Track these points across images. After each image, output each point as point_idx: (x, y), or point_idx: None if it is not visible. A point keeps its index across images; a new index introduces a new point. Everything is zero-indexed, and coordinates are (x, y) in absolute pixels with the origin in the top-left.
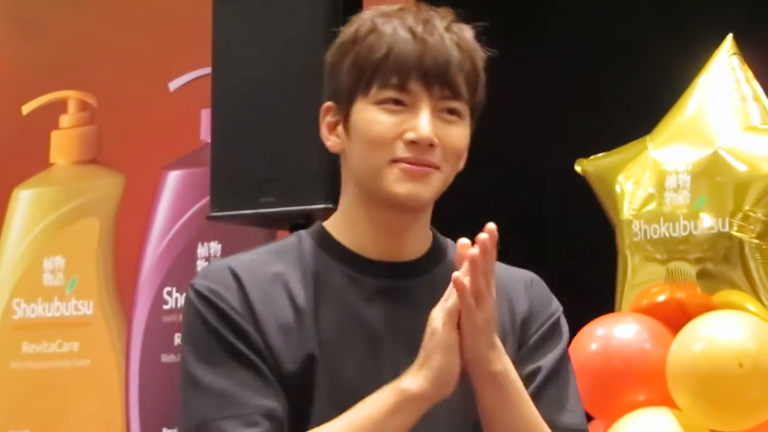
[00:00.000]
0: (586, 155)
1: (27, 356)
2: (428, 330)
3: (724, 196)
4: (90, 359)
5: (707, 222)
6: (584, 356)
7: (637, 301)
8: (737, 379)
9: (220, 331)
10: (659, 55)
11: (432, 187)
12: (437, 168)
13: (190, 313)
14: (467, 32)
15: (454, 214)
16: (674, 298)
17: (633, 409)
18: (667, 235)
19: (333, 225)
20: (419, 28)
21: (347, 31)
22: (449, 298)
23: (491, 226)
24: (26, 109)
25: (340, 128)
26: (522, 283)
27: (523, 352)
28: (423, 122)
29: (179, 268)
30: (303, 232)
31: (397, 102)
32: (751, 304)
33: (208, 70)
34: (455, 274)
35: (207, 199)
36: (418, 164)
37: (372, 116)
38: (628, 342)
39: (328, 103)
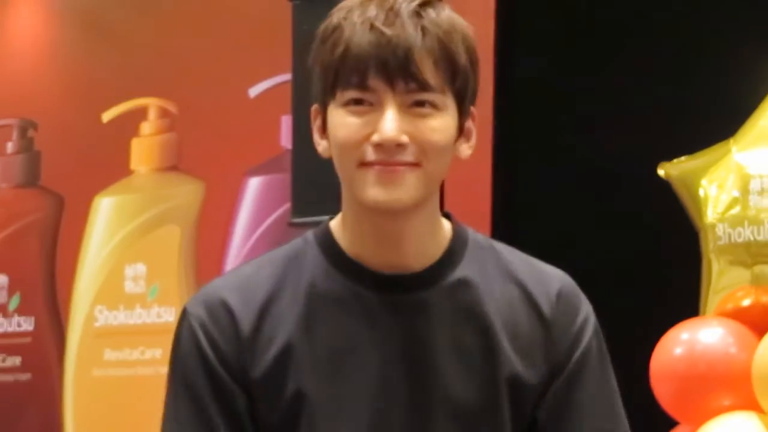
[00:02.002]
0: (669, 159)
1: (109, 363)
2: None
3: None
4: None
5: None
6: (669, 361)
7: (721, 305)
8: None
9: (198, 381)
10: (743, 57)
11: (410, 187)
12: (414, 165)
13: (178, 338)
14: (443, 12)
15: (540, 218)
16: (759, 301)
17: (718, 413)
18: (752, 238)
19: (337, 227)
20: (380, 18)
21: (321, 27)
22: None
23: None
24: (107, 116)
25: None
26: (546, 294)
27: (557, 387)
28: (386, 122)
29: None
30: (310, 234)
31: (359, 102)
32: None
33: (288, 76)
34: None
35: (288, 205)
36: (385, 165)
37: (339, 120)
38: (713, 346)
39: (315, 107)
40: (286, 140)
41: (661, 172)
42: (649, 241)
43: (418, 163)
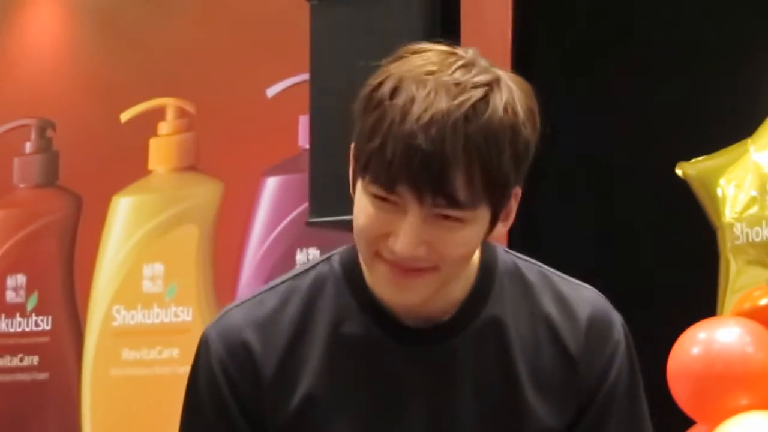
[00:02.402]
0: (687, 158)
1: (127, 363)
2: None
3: None
4: (190, 366)
5: None
6: (686, 360)
7: (739, 305)
8: None
9: (212, 418)
10: (762, 57)
11: (423, 289)
12: (432, 269)
13: (196, 370)
14: (499, 103)
15: (557, 217)
16: None
17: (735, 413)
18: None
19: None
20: (423, 120)
21: (370, 86)
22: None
23: None
24: (125, 116)
25: None
26: (574, 330)
27: (588, 421)
28: (403, 237)
29: (278, 274)
30: (336, 259)
31: (385, 200)
32: None
33: (305, 76)
34: None
35: (305, 204)
36: (400, 267)
37: (363, 204)
38: (731, 346)
39: (354, 151)
40: (303, 140)
41: (679, 171)
42: (666, 240)
43: (435, 267)
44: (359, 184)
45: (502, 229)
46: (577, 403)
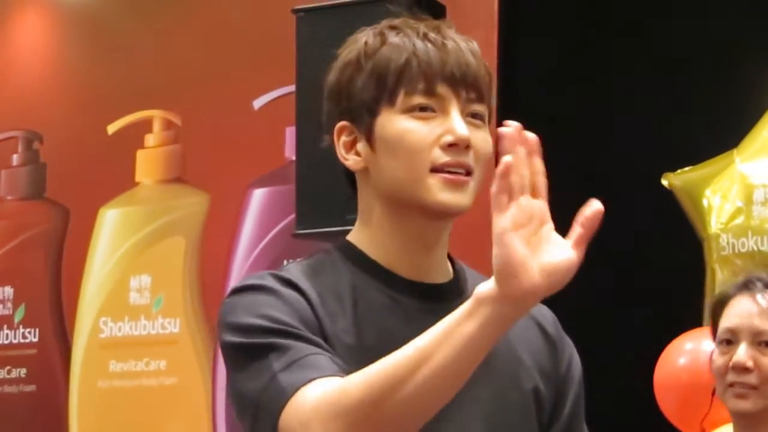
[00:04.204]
0: (673, 169)
1: (114, 375)
2: None
3: None
4: (177, 377)
5: None
6: (672, 371)
7: None
8: None
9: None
10: (747, 69)
11: (470, 194)
12: (472, 174)
13: (254, 297)
14: (473, 41)
15: None
16: None
17: (722, 424)
18: (755, 248)
19: (361, 241)
20: (433, 35)
21: (351, 50)
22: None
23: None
24: (112, 128)
25: (360, 145)
26: (544, 316)
27: (567, 413)
28: (458, 124)
29: None
30: (332, 249)
31: (424, 108)
32: None
33: (292, 88)
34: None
35: (292, 216)
36: (457, 166)
37: (403, 126)
38: None
39: (342, 123)
40: (290, 151)
41: (664, 182)
42: (652, 250)
43: (473, 172)
44: (384, 115)
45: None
46: (554, 383)
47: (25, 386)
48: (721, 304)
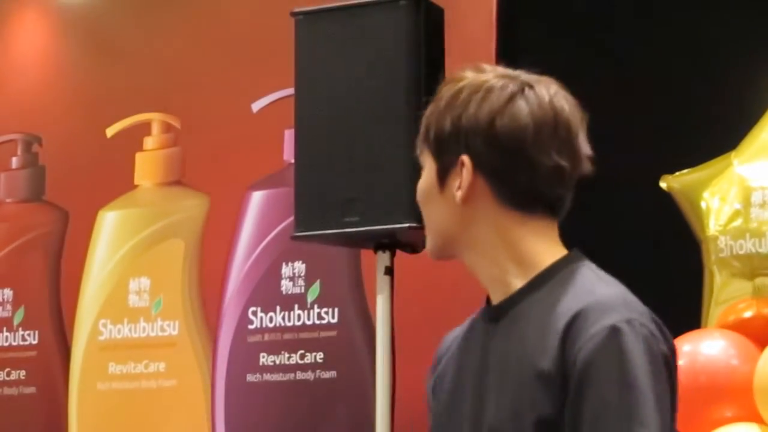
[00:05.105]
0: (671, 171)
1: (113, 377)
2: None
3: None
4: (176, 379)
5: None
6: None
7: (723, 317)
8: None
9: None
10: (745, 71)
11: (429, 241)
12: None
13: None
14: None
15: None
16: (761, 313)
17: (720, 425)
18: (753, 251)
19: None
20: None
21: None
22: None
23: None
24: (111, 131)
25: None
26: (567, 314)
27: (569, 400)
28: None
29: (264, 288)
30: None
31: None
32: None
33: (290, 90)
34: None
35: (291, 218)
36: None
37: None
38: (715, 358)
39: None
40: (289, 154)
41: (663, 184)
42: (650, 253)
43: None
44: None
45: (457, 194)
46: (560, 386)
47: (24, 388)
48: None
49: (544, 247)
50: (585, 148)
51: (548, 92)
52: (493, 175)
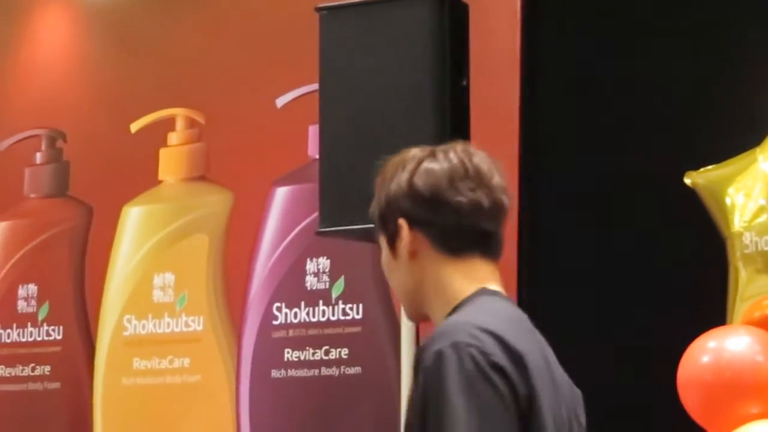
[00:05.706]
0: (696, 168)
1: (138, 372)
2: None
3: None
4: (200, 375)
5: None
6: (696, 369)
7: (748, 314)
8: None
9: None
10: None
11: (406, 310)
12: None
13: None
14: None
15: (566, 226)
16: None
17: (745, 421)
18: None
19: None
20: None
21: None
22: None
23: None
24: (135, 127)
25: None
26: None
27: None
28: None
29: (288, 283)
30: None
31: None
32: None
33: (315, 86)
34: None
35: (315, 214)
36: None
37: None
38: (740, 354)
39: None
40: (313, 150)
41: (687, 181)
42: (675, 249)
43: None
44: None
45: (403, 253)
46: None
47: (49, 383)
48: None
49: (467, 285)
50: (501, 184)
51: (455, 150)
52: (425, 226)
